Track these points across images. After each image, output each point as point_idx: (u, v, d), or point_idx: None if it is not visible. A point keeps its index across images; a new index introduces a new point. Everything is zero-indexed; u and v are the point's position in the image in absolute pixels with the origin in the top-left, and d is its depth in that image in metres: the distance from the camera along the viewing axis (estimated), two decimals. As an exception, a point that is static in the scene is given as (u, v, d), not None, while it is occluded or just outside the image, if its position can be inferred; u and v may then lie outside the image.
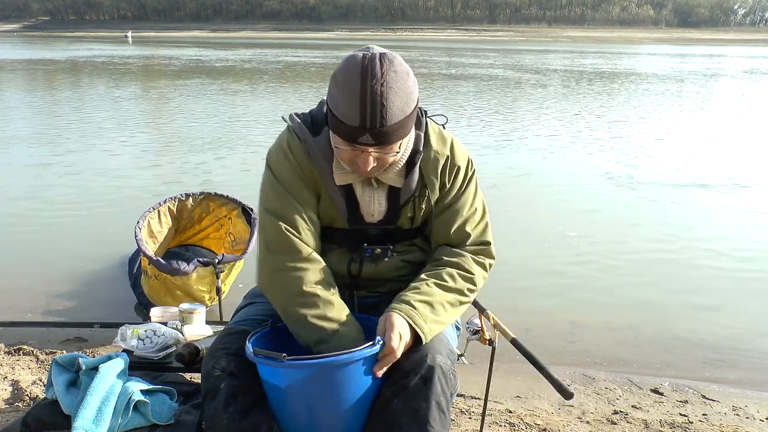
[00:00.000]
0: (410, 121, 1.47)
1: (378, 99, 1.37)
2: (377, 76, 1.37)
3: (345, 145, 1.46)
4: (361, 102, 1.37)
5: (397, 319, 1.44)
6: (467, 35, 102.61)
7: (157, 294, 3.30)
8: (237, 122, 10.47)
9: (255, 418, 1.43)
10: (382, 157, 1.48)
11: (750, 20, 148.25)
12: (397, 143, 1.47)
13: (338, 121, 1.43)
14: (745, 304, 3.81)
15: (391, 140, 1.44)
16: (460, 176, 1.66)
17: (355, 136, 1.41)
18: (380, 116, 1.38)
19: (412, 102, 1.44)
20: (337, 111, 1.42)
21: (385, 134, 1.41)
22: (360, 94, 1.37)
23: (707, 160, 7.88)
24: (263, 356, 1.39)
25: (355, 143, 1.43)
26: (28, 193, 5.98)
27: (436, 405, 1.41)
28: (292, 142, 1.61)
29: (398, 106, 1.40)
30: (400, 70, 1.41)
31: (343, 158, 1.51)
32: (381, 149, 1.45)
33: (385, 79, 1.37)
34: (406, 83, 1.42)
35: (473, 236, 1.65)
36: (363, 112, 1.37)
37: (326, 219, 1.64)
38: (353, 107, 1.38)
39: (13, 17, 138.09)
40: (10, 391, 2.51)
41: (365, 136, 1.41)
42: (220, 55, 33.30)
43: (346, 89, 1.39)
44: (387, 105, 1.38)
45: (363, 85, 1.37)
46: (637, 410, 2.64)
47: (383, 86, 1.37)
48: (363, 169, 1.48)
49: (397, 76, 1.40)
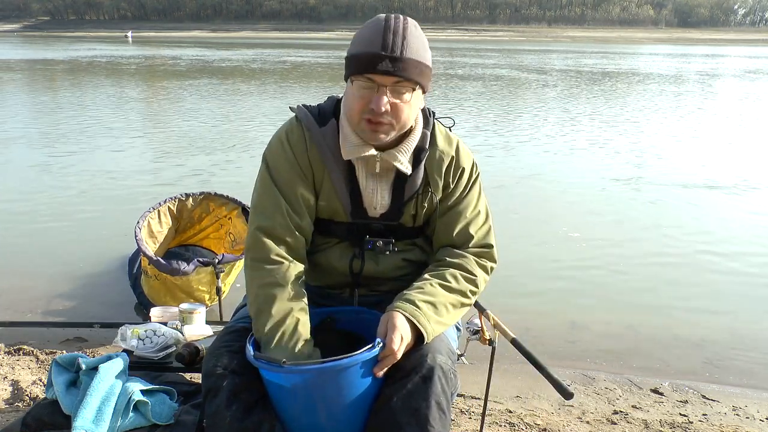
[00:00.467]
0: (426, 70, 1.52)
1: (400, 30, 1.48)
2: (400, 19, 1.50)
3: (362, 80, 1.47)
4: (385, 30, 1.47)
5: (399, 320, 1.43)
6: (467, 35, 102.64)
7: (157, 294, 3.30)
8: (248, 122, 10.46)
9: (257, 417, 1.43)
10: (396, 104, 1.48)
11: (750, 20, 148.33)
12: (412, 86, 1.49)
13: (359, 54, 1.48)
14: (745, 305, 3.81)
15: (408, 73, 1.47)
16: (464, 178, 1.66)
17: (374, 62, 1.45)
18: (401, 44, 1.46)
19: (428, 54, 1.53)
20: (359, 45, 1.49)
21: (403, 62, 1.46)
22: (384, 26, 1.48)
23: (712, 161, 7.87)
24: (264, 360, 1.39)
25: (373, 72, 1.45)
26: (28, 193, 5.98)
27: (437, 405, 1.41)
28: (292, 134, 1.61)
29: (416, 46, 1.49)
30: (419, 29, 1.53)
31: (356, 110, 1.50)
32: (396, 88, 1.47)
33: (407, 23, 1.50)
34: (424, 39, 1.53)
35: (476, 238, 1.65)
36: (385, 38, 1.46)
37: (327, 212, 1.64)
38: (376, 36, 1.47)
39: (13, 17, 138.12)
40: (10, 391, 2.51)
41: (384, 62, 1.44)
42: (223, 55, 33.32)
43: (370, 26, 1.50)
44: (407, 37, 1.48)
45: (387, 21, 1.49)
46: (637, 410, 2.64)
47: (405, 25, 1.49)
48: (376, 108, 1.47)
49: (417, 30, 1.51)
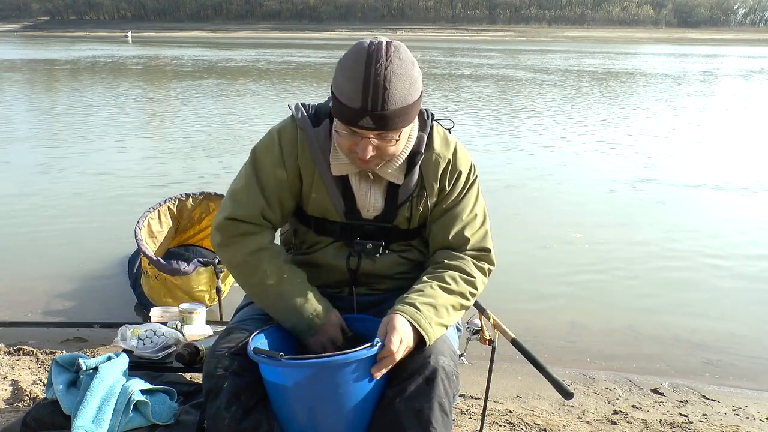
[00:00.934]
0: (413, 110, 1.45)
1: (381, 82, 1.36)
2: (382, 60, 1.37)
3: (345, 129, 1.44)
4: (364, 84, 1.37)
5: (400, 322, 1.42)
6: (467, 35, 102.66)
7: (157, 294, 3.30)
8: (256, 121, 10.44)
9: (256, 418, 1.43)
10: (382, 146, 1.46)
11: (750, 20, 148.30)
12: (397, 132, 1.45)
13: (340, 104, 1.42)
14: (745, 305, 3.80)
15: (391, 126, 1.42)
16: (461, 181, 1.64)
17: (355, 118, 1.40)
18: (382, 99, 1.37)
19: (415, 91, 1.43)
20: (340, 94, 1.42)
21: (385, 118, 1.39)
22: (363, 77, 1.37)
23: (717, 162, 7.84)
24: (263, 355, 1.39)
25: (355, 126, 1.41)
26: (28, 193, 5.97)
27: (439, 406, 1.41)
28: (285, 133, 1.60)
29: (401, 92, 1.39)
30: (406, 58, 1.41)
31: (343, 146, 1.49)
32: (381, 136, 1.43)
33: (389, 63, 1.37)
34: (411, 72, 1.41)
35: (472, 242, 1.64)
36: (365, 94, 1.37)
37: (320, 211, 1.64)
38: (356, 89, 1.38)
39: (13, 17, 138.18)
40: (10, 391, 2.51)
41: (366, 119, 1.39)
42: (228, 55, 33.24)
43: (350, 72, 1.39)
44: (389, 89, 1.37)
45: (367, 68, 1.37)
46: (637, 410, 2.64)
47: (387, 70, 1.37)
48: (362, 156, 1.45)
49: (402, 63, 1.40)
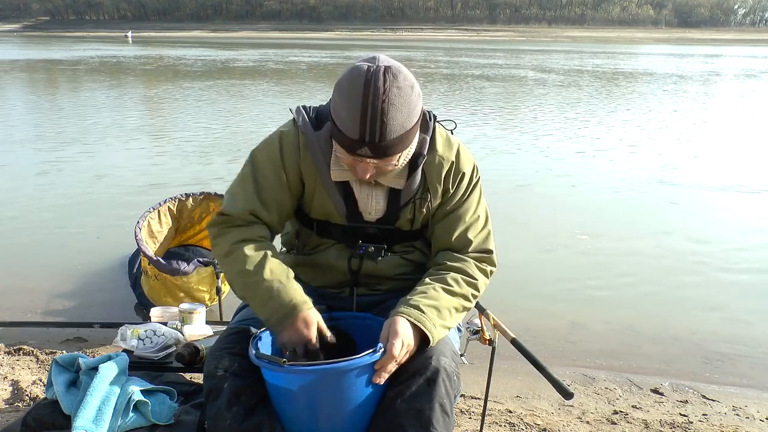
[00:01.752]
0: (411, 134, 1.47)
1: (378, 115, 1.36)
2: (379, 92, 1.36)
3: (344, 153, 1.47)
4: (362, 116, 1.36)
5: (402, 325, 1.42)
6: (467, 35, 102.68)
7: (157, 294, 3.30)
8: (261, 123, 10.44)
9: (257, 419, 1.43)
10: (381, 166, 1.48)
11: (750, 20, 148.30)
12: (397, 156, 1.47)
13: (338, 131, 1.43)
14: (745, 305, 3.80)
15: (389, 153, 1.44)
16: (464, 182, 1.65)
17: (353, 147, 1.42)
18: (380, 132, 1.38)
19: (414, 116, 1.44)
20: (338, 120, 1.42)
21: (384, 148, 1.41)
22: (361, 108, 1.36)
23: (716, 162, 7.85)
24: (265, 360, 1.39)
25: (353, 154, 1.44)
26: (28, 193, 5.98)
27: (440, 407, 1.41)
28: (286, 137, 1.60)
29: (399, 122, 1.39)
30: (404, 85, 1.39)
31: (344, 162, 1.53)
32: (380, 161, 1.46)
33: (387, 95, 1.36)
34: (410, 98, 1.41)
35: (475, 243, 1.64)
36: (363, 125, 1.37)
37: (322, 214, 1.65)
38: (353, 120, 1.38)
39: (13, 17, 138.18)
40: (10, 391, 2.51)
41: (364, 149, 1.41)
42: (233, 56, 33.16)
43: (348, 101, 1.38)
44: (387, 121, 1.37)
45: (364, 99, 1.36)
46: (637, 410, 2.64)
47: (384, 102, 1.36)
48: (361, 177, 1.50)
49: (400, 92, 1.38)
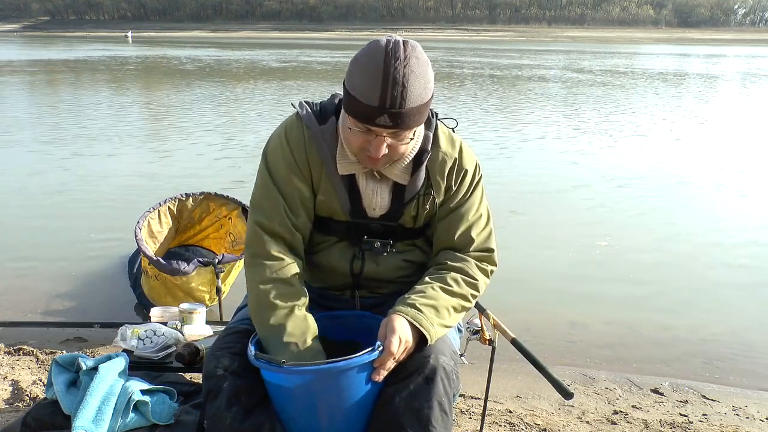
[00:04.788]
0: (426, 109, 1.46)
1: (400, 80, 1.37)
2: (400, 58, 1.37)
3: (360, 127, 1.44)
4: (383, 82, 1.37)
5: (399, 323, 1.42)
6: (467, 35, 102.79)
7: (157, 294, 3.30)
8: (263, 122, 10.46)
9: (257, 419, 1.43)
10: (395, 144, 1.46)
11: (750, 20, 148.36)
12: (412, 131, 1.46)
13: (356, 102, 1.41)
14: (745, 305, 3.80)
15: (407, 124, 1.42)
16: (467, 180, 1.64)
17: (372, 116, 1.40)
18: (400, 98, 1.38)
19: (429, 90, 1.45)
20: (356, 91, 1.41)
21: (402, 117, 1.40)
22: (382, 74, 1.37)
23: (717, 162, 7.85)
24: (264, 360, 1.39)
25: (371, 124, 1.41)
26: (28, 193, 5.98)
27: (439, 405, 1.41)
28: (291, 132, 1.60)
29: (417, 91, 1.40)
30: (422, 58, 1.42)
31: (353, 144, 1.49)
32: (395, 134, 1.44)
33: (408, 62, 1.38)
34: (426, 71, 1.43)
35: (477, 242, 1.63)
36: (384, 92, 1.37)
37: (326, 211, 1.63)
38: (374, 87, 1.37)
39: (13, 17, 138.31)
40: (10, 391, 2.51)
41: (383, 117, 1.39)
42: (235, 56, 33.11)
43: (368, 70, 1.39)
44: (408, 87, 1.38)
45: (386, 66, 1.37)
46: (637, 410, 2.64)
47: (406, 68, 1.37)
48: (374, 155, 1.45)
49: (419, 62, 1.40)
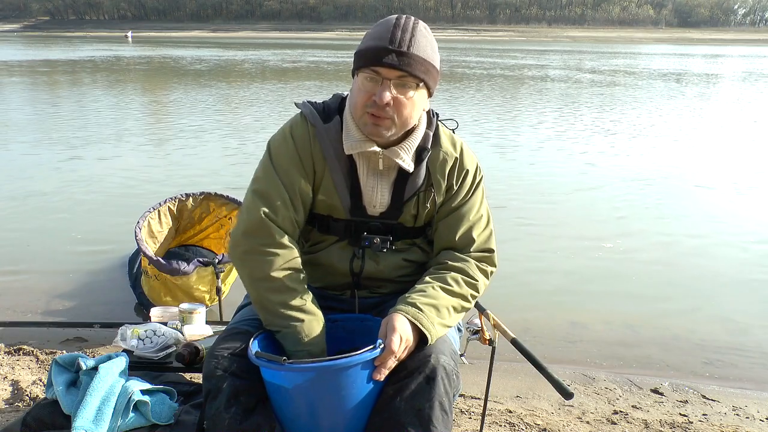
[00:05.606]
0: (432, 69, 1.54)
1: (409, 28, 1.51)
2: (411, 20, 1.54)
3: (367, 73, 1.50)
4: (394, 26, 1.50)
5: (400, 322, 1.43)
6: (467, 35, 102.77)
7: (157, 294, 3.30)
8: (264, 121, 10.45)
9: (257, 419, 1.43)
10: (399, 99, 1.50)
11: (750, 20, 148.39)
12: (417, 82, 1.50)
13: (367, 48, 1.51)
14: (745, 305, 3.80)
15: (413, 68, 1.49)
16: (468, 180, 1.66)
17: (380, 55, 1.48)
18: (408, 40, 1.49)
19: (436, 56, 1.55)
20: (367, 41, 1.53)
21: (409, 58, 1.48)
22: (394, 23, 1.51)
23: (717, 163, 7.84)
24: (264, 359, 1.39)
25: (379, 64, 1.48)
26: (27, 193, 5.97)
27: (439, 405, 1.41)
28: (297, 129, 1.62)
29: (423, 45, 1.52)
30: (430, 34, 1.56)
31: (359, 101, 1.52)
32: (400, 81, 1.49)
33: (416, 24, 1.53)
34: (432, 41, 1.56)
35: (477, 243, 1.64)
36: (393, 34, 1.49)
37: (326, 208, 1.64)
38: (385, 31, 1.50)
39: (13, 17, 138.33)
40: (10, 391, 2.51)
41: (391, 56, 1.47)
42: (235, 56, 33.00)
43: (381, 24, 1.54)
44: (416, 35, 1.51)
45: (397, 19, 1.53)
46: (637, 410, 2.64)
47: (414, 26, 1.52)
48: (379, 100, 1.48)
49: (426, 31, 1.55)
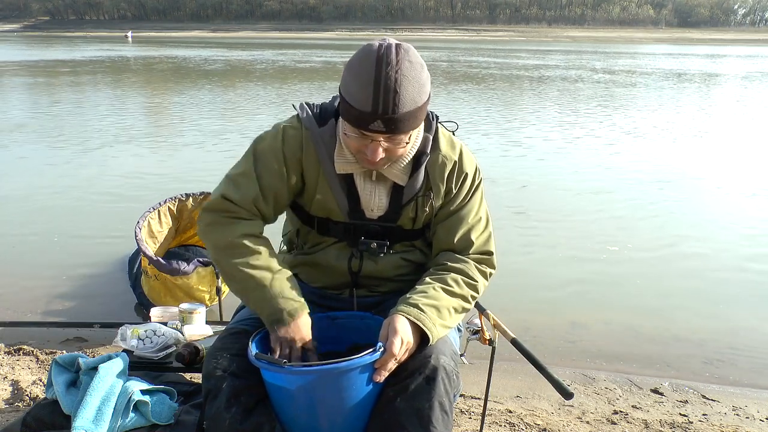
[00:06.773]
0: (421, 112, 1.46)
1: (392, 85, 1.36)
2: (392, 63, 1.37)
3: (355, 132, 1.44)
4: (375, 87, 1.36)
5: (401, 323, 1.42)
6: (467, 35, 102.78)
7: (157, 294, 3.30)
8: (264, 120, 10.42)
9: (257, 419, 1.43)
10: (391, 148, 1.46)
11: (750, 20, 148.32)
12: (407, 134, 1.46)
13: (350, 107, 1.41)
14: (745, 305, 3.80)
15: (401, 129, 1.42)
16: (467, 183, 1.65)
17: (366, 122, 1.40)
18: (393, 103, 1.37)
19: (424, 93, 1.44)
20: (350, 97, 1.41)
21: (396, 122, 1.40)
22: (374, 80, 1.36)
23: (717, 163, 7.84)
24: (265, 361, 1.39)
25: (365, 130, 1.42)
26: (27, 193, 5.98)
27: (439, 405, 1.41)
28: (289, 130, 1.59)
29: (411, 95, 1.39)
30: (415, 61, 1.41)
31: (351, 147, 1.49)
32: (390, 138, 1.44)
33: (399, 66, 1.37)
34: (420, 74, 1.42)
35: (476, 245, 1.64)
36: (376, 97, 1.37)
37: (323, 211, 1.63)
38: (366, 92, 1.37)
39: (13, 17, 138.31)
40: (10, 391, 2.51)
41: (376, 123, 1.39)
42: (235, 56, 32.93)
43: (361, 75, 1.39)
44: (400, 92, 1.37)
45: (378, 71, 1.36)
46: (637, 410, 2.64)
47: (398, 73, 1.37)
48: (371, 158, 1.45)
49: (412, 66, 1.40)
